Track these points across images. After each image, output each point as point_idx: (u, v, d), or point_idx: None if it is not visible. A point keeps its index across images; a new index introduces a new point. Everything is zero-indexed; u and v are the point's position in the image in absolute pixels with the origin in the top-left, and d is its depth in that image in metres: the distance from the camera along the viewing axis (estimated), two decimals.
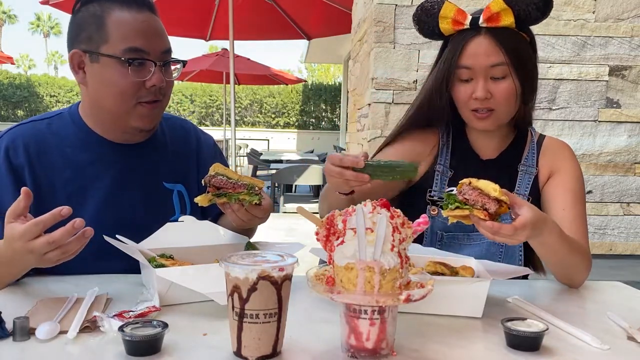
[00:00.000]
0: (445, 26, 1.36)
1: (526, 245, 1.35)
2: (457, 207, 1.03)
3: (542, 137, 1.52)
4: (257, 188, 1.19)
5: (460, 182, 1.05)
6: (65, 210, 0.99)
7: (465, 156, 1.49)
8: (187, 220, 1.27)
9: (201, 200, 1.17)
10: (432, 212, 1.43)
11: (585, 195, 1.43)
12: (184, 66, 1.37)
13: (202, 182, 1.18)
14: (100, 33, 1.23)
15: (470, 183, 1.03)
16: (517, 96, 1.37)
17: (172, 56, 1.32)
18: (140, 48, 1.23)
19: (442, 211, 1.06)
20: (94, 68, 1.25)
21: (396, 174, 1.13)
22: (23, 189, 1.01)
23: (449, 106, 1.42)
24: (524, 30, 1.35)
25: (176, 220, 1.37)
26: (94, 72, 1.26)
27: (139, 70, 1.24)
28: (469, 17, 1.34)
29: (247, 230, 1.43)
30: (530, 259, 1.46)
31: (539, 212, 1.08)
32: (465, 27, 1.33)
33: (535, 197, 1.43)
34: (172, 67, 1.33)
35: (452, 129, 1.51)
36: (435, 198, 1.44)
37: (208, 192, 1.17)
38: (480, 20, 1.31)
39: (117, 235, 1.14)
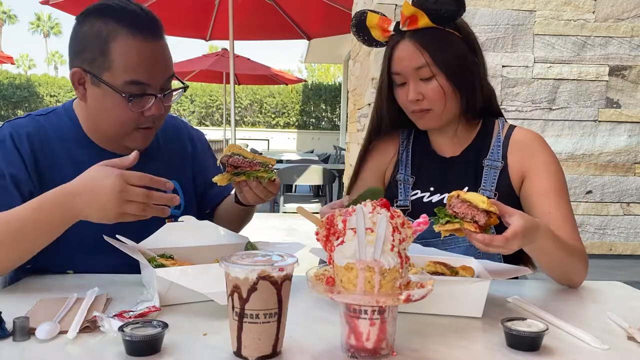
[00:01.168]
0: (377, 34, 1.40)
1: None
2: (447, 222, 1.03)
3: (511, 129, 1.46)
4: (270, 165, 1.23)
5: (449, 195, 1.05)
6: (169, 184, 1.08)
7: (426, 157, 1.49)
8: (188, 220, 1.27)
9: (220, 179, 1.20)
10: None
11: (566, 188, 1.38)
12: (185, 91, 1.38)
13: (219, 162, 1.23)
14: (103, 59, 1.21)
15: (458, 196, 1.03)
16: (451, 93, 1.36)
17: (174, 73, 1.31)
18: (142, 81, 1.22)
19: (434, 226, 1.05)
20: (95, 91, 1.24)
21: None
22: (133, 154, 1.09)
23: (396, 111, 1.45)
24: (453, 27, 1.36)
25: (172, 216, 1.37)
26: (94, 95, 1.25)
27: (139, 102, 1.24)
28: (393, 23, 1.38)
29: (247, 215, 1.51)
30: (521, 258, 1.45)
31: (531, 219, 1.06)
32: (392, 33, 1.38)
33: (503, 192, 1.39)
34: (175, 93, 1.33)
35: (413, 134, 1.53)
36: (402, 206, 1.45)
37: (227, 172, 1.21)
38: (400, 25, 1.36)
39: (117, 235, 1.14)
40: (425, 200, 1.44)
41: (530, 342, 0.87)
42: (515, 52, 3.73)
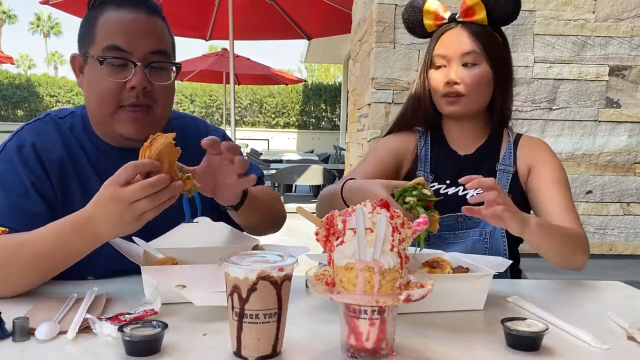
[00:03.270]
0: (429, 22, 1.49)
1: (509, 240, 1.40)
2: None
3: (518, 136, 1.57)
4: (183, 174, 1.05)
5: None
6: (157, 163, 0.98)
7: (444, 154, 1.54)
8: (202, 221, 1.27)
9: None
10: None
11: (568, 182, 1.47)
12: (178, 70, 1.29)
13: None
14: (90, 34, 1.21)
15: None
16: (488, 85, 1.45)
17: (171, 60, 1.26)
18: (118, 46, 1.17)
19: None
20: (86, 71, 1.24)
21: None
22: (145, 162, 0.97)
23: (429, 97, 1.52)
24: (496, 31, 1.47)
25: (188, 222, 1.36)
26: (86, 75, 1.24)
27: (118, 71, 1.18)
28: (449, 13, 1.48)
29: (260, 208, 1.35)
30: (515, 256, 1.48)
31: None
32: (445, 21, 1.47)
33: (515, 195, 1.46)
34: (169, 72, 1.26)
35: (429, 130, 1.57)
36: None
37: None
38: (457, 14, 1.45)
39: (133, 237, 1.14)
40: (441, 192, 1.49)
41: (530, 342, 0.86)
42: (515, 52, 3.72)
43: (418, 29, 1.52)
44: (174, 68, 1.27)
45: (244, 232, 1.31)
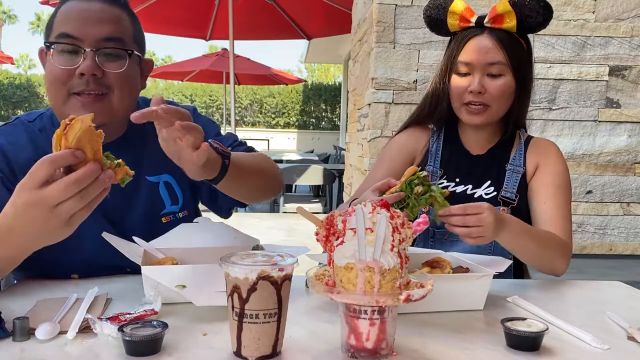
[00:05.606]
0: (453, 22, 1.45)
1: None
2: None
3: (529, 138, 1.57)
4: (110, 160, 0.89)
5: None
6: (79, 152, 0.82)
7: (456, 153, 1.55)
8: (202, 221, 1.27)
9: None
10: (423, 210, 1.45)
11: (569, 189, 1.47)
12: (130, 57, 1.22)
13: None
14: (50, 25, 1.21)
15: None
16: (510, 95, 1.44)
17: (129, 48, 1.22)
18: (68, 33, 1.17)
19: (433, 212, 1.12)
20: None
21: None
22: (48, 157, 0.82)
23: (447, 99, 1.50)
24: (523, 38, 1.45)
25: (171, 213, 1.35)
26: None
27: (68, 59, 1.17)
28: (476, 16, 1.43)
29: (237, 178, 1.15)
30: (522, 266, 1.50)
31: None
32: (471, 25, 1.43)
33: (523, 195, 1.47)
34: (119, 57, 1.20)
35: (444, 128, 1.58)
36: None
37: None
38: (486, 20, 1.41)
39: (133, 237, 1.14)
40: (450, 189, 1.48)
41: (530, 342, 0.86)
42: None
43: (440, 27, 1.49)
44: (131, 56, 1.23)
45: (244, 232, 1.30)
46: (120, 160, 0.89)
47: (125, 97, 1.24)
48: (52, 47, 1.17)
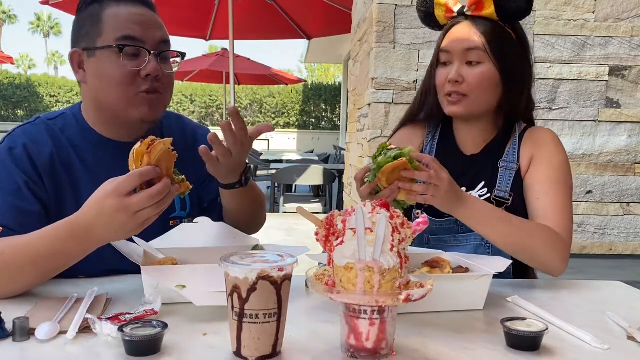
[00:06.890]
0: (440, 13, 1.45)
1: None
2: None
3: (525, 129, 1.49)
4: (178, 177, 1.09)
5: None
6: (158, 169, 1.00)
7: (449, 153, 1.49)
8: (202, 221, 1.27)
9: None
10: (416, 215, 1.44)
11: (568, 182, 1.39)
12: (183, 59, 1.36)
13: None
14: (95, 28, 1.24)
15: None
16: (492, 86, 1.38)
17: (169, 41, 1.30)
18: (133, 36, 1.23)
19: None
20: (92, 63, 1.26)
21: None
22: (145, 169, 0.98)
23: (435, 93, 1.46)
24: (512, 27, 1.40)
25: (178, 218, 1.37)
26: (92, 68, 1.26)
27: (134, 60, 1.23)
28: (459, 6, 1.42)
29: (246, 199, 1.38)
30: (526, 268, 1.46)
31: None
32: (454, 15, 1.42)
33: (518, 193, 1.41)
34: (172, 60, 1.32)
35: (441, 127, 1.54)
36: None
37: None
38: (466, 8, 1.40)
39: (133, 237, 1.14)
40: None
41: (530, 342, 0.86)
42: None
43: (430, 21, 1.48)
44: (179, 58, 1.35)
45: (242, 233, 1.30)
46: (183, 177, 1.08)
47: (171, 96, 1.36)
48: (121, 46, 1.22)
